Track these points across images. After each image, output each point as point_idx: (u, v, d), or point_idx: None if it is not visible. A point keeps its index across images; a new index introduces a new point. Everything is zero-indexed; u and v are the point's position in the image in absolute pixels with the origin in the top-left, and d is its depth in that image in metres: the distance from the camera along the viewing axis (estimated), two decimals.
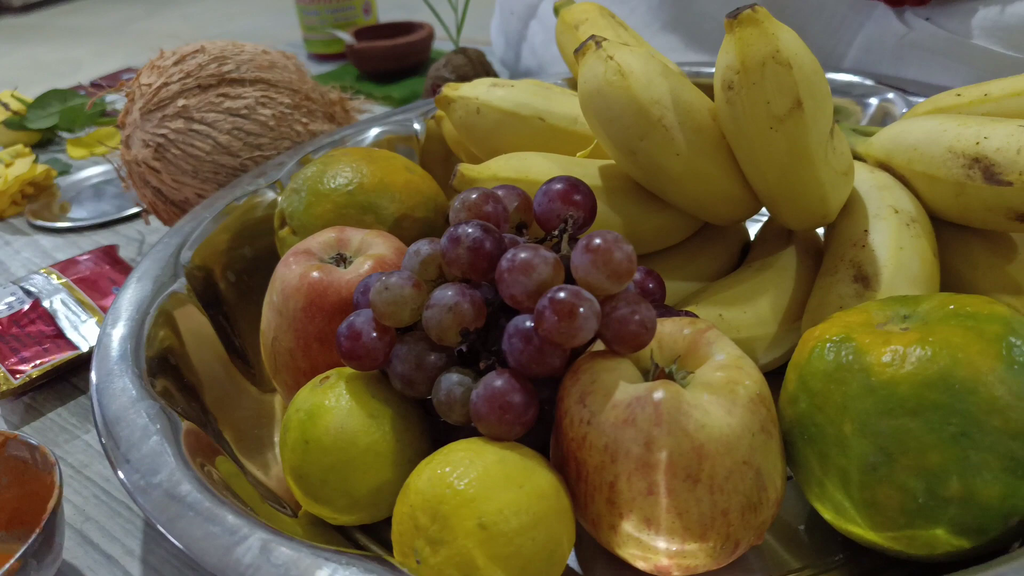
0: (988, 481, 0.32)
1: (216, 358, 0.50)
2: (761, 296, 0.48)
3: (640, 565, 0.36)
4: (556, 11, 0.69)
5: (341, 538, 0.42)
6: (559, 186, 0.42)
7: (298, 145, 0.67)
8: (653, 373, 0.36)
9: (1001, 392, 0.32)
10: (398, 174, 0.56)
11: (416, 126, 0.71)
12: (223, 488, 0.36)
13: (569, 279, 0.38)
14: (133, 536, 0.44)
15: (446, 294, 0.38)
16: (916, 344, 0.34)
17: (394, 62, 1.09)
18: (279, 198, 0.57)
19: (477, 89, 0.55)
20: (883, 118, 0.63)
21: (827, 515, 0.37)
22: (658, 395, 0.34)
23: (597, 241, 0.36)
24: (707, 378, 0.35)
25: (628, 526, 0.34)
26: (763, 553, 0.41)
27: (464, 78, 0.86)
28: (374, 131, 0.68)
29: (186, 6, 1.89)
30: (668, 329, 0.38)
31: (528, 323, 0.36)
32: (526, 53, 0.92)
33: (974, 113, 0.50)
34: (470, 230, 0.39)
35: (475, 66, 0.87)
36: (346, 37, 1.09)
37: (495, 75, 0.89)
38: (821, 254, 0.51)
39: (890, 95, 0.62)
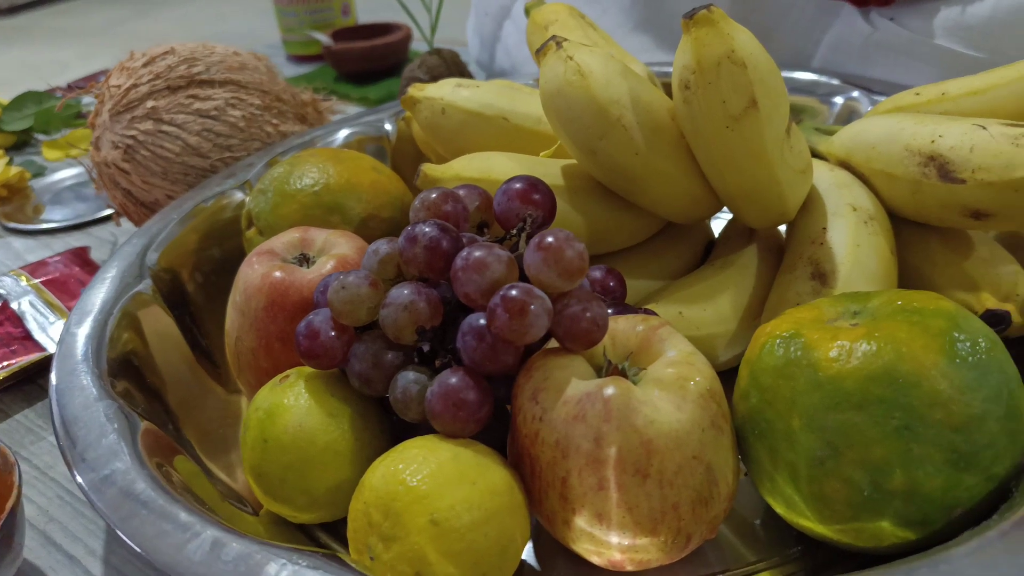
0: (930, 473, 0.32)
1: (181, 358, 0.50)
2: (722, 294, 0.48)
3: (594, 560, 0.37)
4: (527, 12, 0.70)
5: (303, 536, 0.42)
6: (518, 185, 0.43)
7: (268, 146, 0.67)
8: (606, 370, 0.37)
9: (943, 386, 0.33)
10: (365, 174, 0.56)
11: (388, 127, 0.71)
12: (180, 487, 0.36)
13: (524, 278, 0.38)
14: (95, 536, 0.44)
15: (402, 293, 0.38)
16: (862, 339, 0.34)
17: (371, 63, 1.09)
18: (247, 199, 0.57)
19: (442, 90, 0.56)
20: (848, 117, 0.63)
21: (779, 509, 0.37)
22: (608, 391, 0.34)
23: (549, 239, 0.36)
24: (658, 374, 0.35)
25: (581, 521, 0.35)
26: (720, 547, 0.41)
27: (438, 79, 0.86)
28: (344, 132, 0.68)
29: (174, 8, 1.89)
30: (622, 326, 0.38)
31: (481, 321, 0.36)
32: (500, 54, 0.92)
33: (932, 112, 0.51)
34: (427, 229, 0.39)
35: (449, 67, 0.87)
36: (323, 38, 1.09)
37: (470, 76, 0.89)
38: (783, 252, 0.51)
39: (855, 94, 0.63)
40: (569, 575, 0.40)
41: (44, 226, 0.80)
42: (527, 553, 0.41)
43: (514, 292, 0.35)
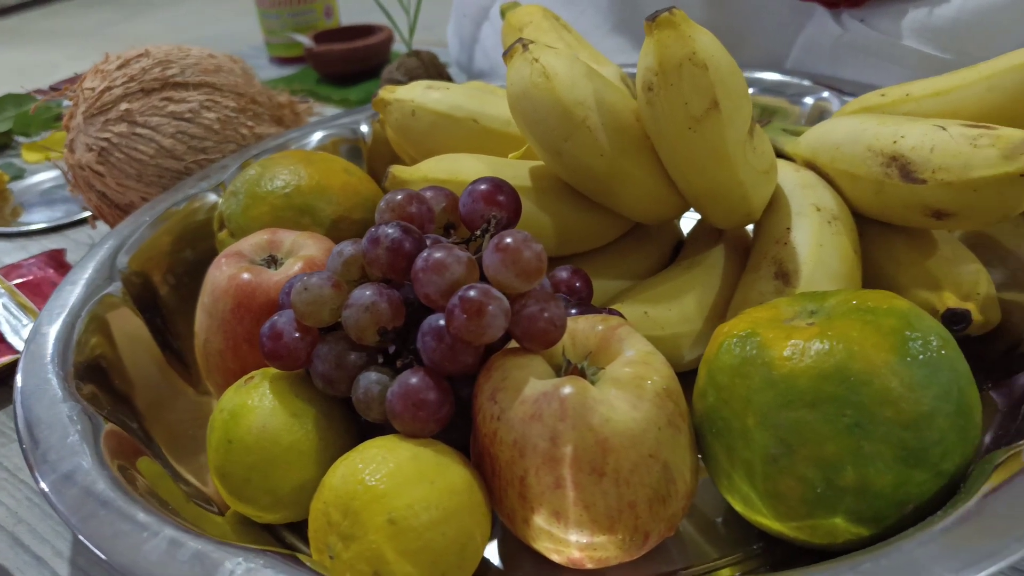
0: (881, 470, 0.33)
1: (151, 360, 0.50)
2: (687, 294, 0.48)
3: (554, 558, 0.37)
4: (502, 14, 0.70)
5: (269, 536, 0.42)
6: (483, 187, 0.43)
7: (243, 148, 0.67)
8: (565, 369, 0.37)
9: (894, 384, 0.33)
10: (336, 176, 0.56)
11: (364, 128, 0.71)
12: (143, 489, 0.37)
13: (486, 279, 0.39)
14: (63, 538, 0.44)
15: (364, 294, 0.39)
16: (816, 338, 0.35)
17: (353, 65, 1.09)
18: (220, 201, 0.57)
19: (412, 91, 0.56)
20: (819, 117, 0.64)
21: (738, 507, 0.38)
22: (564, 391, 0.34)
23: (507, 240, 0.36)
24: (616, 374, 0.36)
25: (539, 520, 0.35)
26: (683, 544, 0.42)
27: (416, 80, 0.86)
28: (319, 134, 0.68)
29: (163, 10, 1.89)
30: (581, 326, 0.38)
31: (440, 322, 0.37)
32: (479, 55, 0.93)
33: (897, 112, 0.51)
34: (389, 231, 0.40)
35: (428, 68, 0.87)
36: (304, 40, 1.10)
37: (448, 77, 0.89)
38: (750, 251, 0.52)
39: (825, 94, 0.63)
40: (533, 574, 0.40)
41: (22, 228, 0.80)
42: (492, 552, 0.41)
43: (472, 293, 0.35)
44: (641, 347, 0.37)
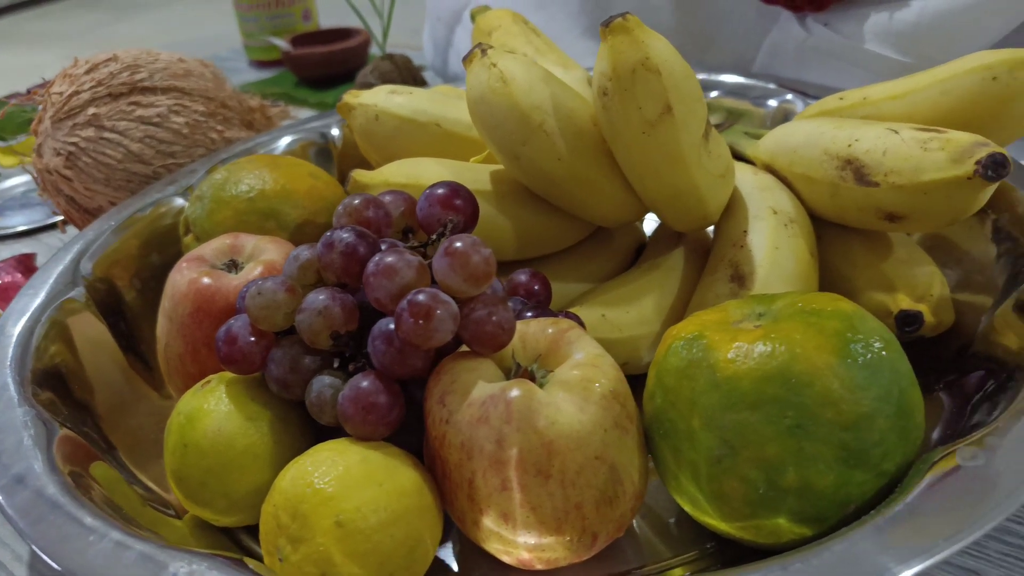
0: (822, 471, 0.33)
1: (114, 365, 0.50)
2: (645, 296, 0.49)
3: (505, 559, 0.37)
4: (472, 18, 0.70)
5: (227, 540, 0.42)
6: (440, 191, 0.43)
7: (212, 153, 0.67)
8: (514, 372, 0.37)
9: (835, 385, 0.33)
10: (301, 181, 0.56)
11: (335, 132, 0.71)
12: (95, 493, 0.37)
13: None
14: (22, 542, 0.45)
15: (318, 298, 0.39)
16: (759, 340, 0.35)
17: (331, 68, 1.10)
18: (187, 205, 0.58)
19: (376, 96, 0.56)
20: (783, 120, 0.64)
21: (686, 507, 0.38)
22: (511, 394, 0.35)
23: (457, 245, 0.37)
24: (563, 376, 0.36)
25: (488, 521, 0.35)
26: (638, 544, 0.42)
27: (390, 84, 0.86)
28: (289, 138, 0.68)
29: (153, 11, 1.88)
30: (532, 329, 0.39)
31: (390, 326, 0.37)
32: (453, 59, 0.93)
33: (855, 116, 0.52)
34: (344, 235, 0.40)
35: (402, 72, 0.88)
36: (281, 44, 1.10)
37: (422, 81, 0.90)
38: (709, 254, 0.52)
39: (789, 97, 0.64)
40: (489, 575, 0.40)
41: None
42: (447, 554, 0.42)
43: (420, 297, 0.36)
44: (590, 350, 0.37)
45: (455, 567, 0.41)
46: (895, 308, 0.46)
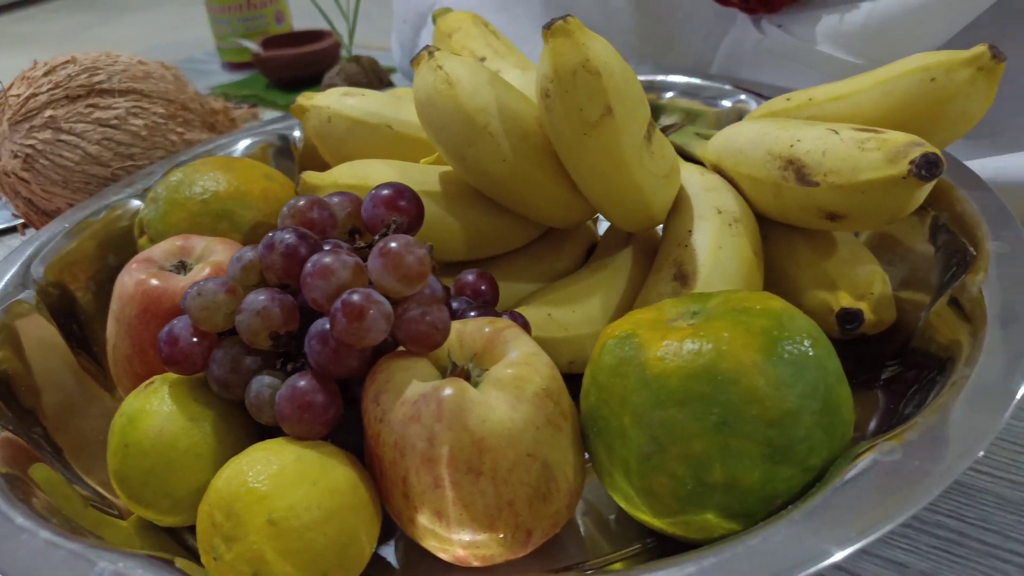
0: (748, 467, 0.34)
1: (65, 367, 0.50)
2: (592, 296, 0.49)
3: (442, 556, 0.38)
4: (434, 20, 0.71)
5: (171, 540, 0.42)
6: (385, 192, 0.44)
7: (172, 155, 0.67)
8: (450, 371, 0.38)
9: (760, 383, 0.34)
10: (256, 182, 0.57)
11: (296, 133, 0.72)
12: (33, 495, 0.37)
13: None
14: None
15: (257, 299, 0.39)
16: (688, 338, 0.35)
17: (301, 70, 1.10)
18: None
19: (329, 98, 0.56)
20: (737, 120, 0.65)
21: (621, 503, 0.38)
22: (443, 393, 0.35)
23: (391, 245, 0.37)
24: (497, 375, 0.37)
25: (423, 519, 0.36)
26: (580, 539, 0.42)
27: (356, 86, 0.87)
28: (249, 140, 0.69)
29: (138, 13, 1.88)
30: (470, 328, 0.39)
31: (326, 326, 0.37)
32: None
33: (800, 116, 0.52)
34: (285, 236, 0.40)
35: (368, 74, 0.88)
36: (251, 46, 1.10)
37: (389, 83, 0.90)
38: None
39: (743, 97, 0.64)
40: (429, 574, 0.41)
41: None
42: (388, 552, 0.42)
43: (354, 297, 0.36)
44: (525, 349, 0.38)
45: (396, 564, 0.41)
46: (836, 306, 0.46)
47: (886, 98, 0.48)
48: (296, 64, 1.09)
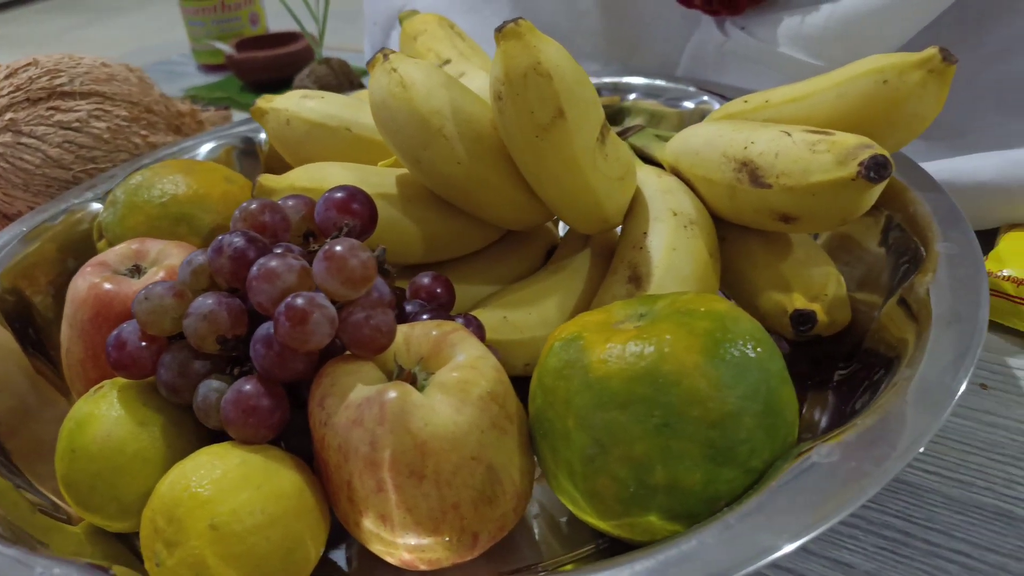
0: (689, 468, 0.34)
1: (19, 371, 0.50)
2: (549, 298, 0.49)
3: (390, 560, 0.38)
4: (400, 22, 0.71)
5: (122, 546, 0.42)
6: (338, 195, 0.43)
7: (135, 158, 0.67)
8: (396, 375, 0.38)
9: (702, 384, 0.34)
10: (216, 185, 0.56)
11: (263, 136, 0.71)
12: None
13: None
14: None
15: (205, 303, 0.39)
16: (632, 341, 0.35)
17: (275, 72, 1.10)
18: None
19: (288, 101, 0.56)
20: (700, 121, 0.65)
21: (569, 506, 0.38)
22: (386, 396, 0.35)
23: (336, 249, 0.37)
24: (443, 378, 0.37)
25: (368, 523, 0.36)
26: (534, 541, 0.42)
27: (327, 89, 0.87)
28: (214, 142, 0.68)
29: (126, 15, 1.87)
30: (417, 332, 0.39)
31: (271, 329, 0.37)
32: None
33: (757, 118, 0.52)
34: (234, 240, 0.40)
35: (338, 76, 0.88)
36: (225, 48, 1.10)
37: (360, 85, 0.90)
38: None
39: (705, 98, 0.65)
40: None
41: None
42: (339, 556, 0.42)
43: (298, 301, 0.36)
44: (472, 352, 0.38)
45: (347, 568, 0.41)
46: (790, 308, 0.46)
47: (841, 100, 0.48)
48: (269, 66, 1.09)
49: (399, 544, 0.36)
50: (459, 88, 0.48)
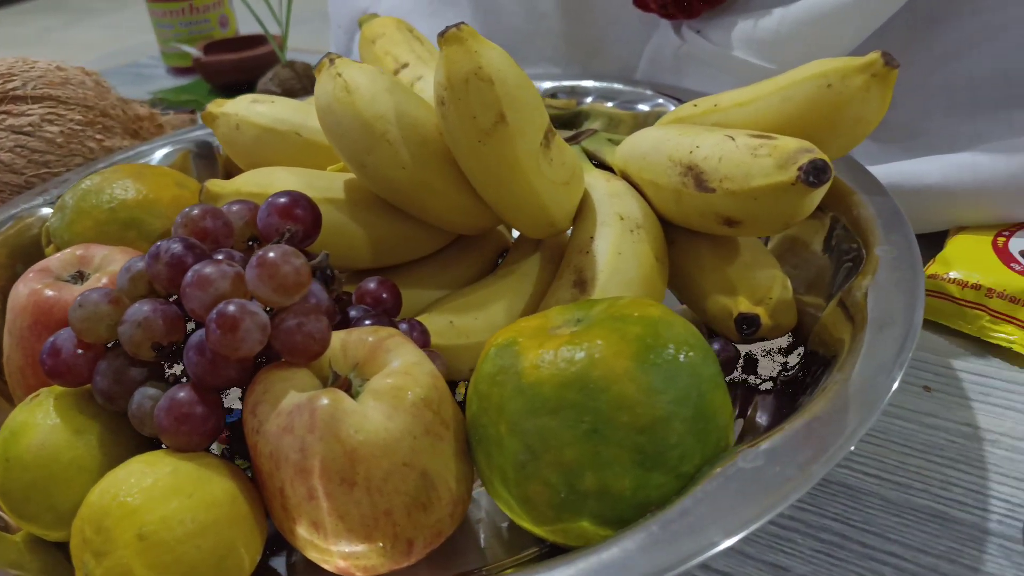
0: (619, 473, 0.34)
1: None
2: (496, 302, 0.49)
3: (326, 567, 0.37)
4: (360, 25, 0.71)
5: (60, 555, 0.42)
6: (281, 200, 0.43)
7: (90, 162, 0.66)
8: (331, 381, 0.38)
9: (631, 390, 0.34)
10: (166, 190, 0.56)
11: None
12: None
13: None
14: None
15: (141, 309, 0.39)
16: (564, 346, 0.35)
17: (243, 75, 1.09)
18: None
19: (238, 105, 0.56)
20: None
21: (505, 511, 0.38)
22: (317, 403, 0.35)
23: (270, 255, 0.37)
24: (376, 385, 0.36)
25: (302, 530, 0.36)
26: (479, 547, 0.42)
27: (290, 92, 0.87)
28: (169, 147, 0.68)
29: (105, 16, 1.86)
30: (354, 338, 0.39)
31: (204, 336, 0.37)
32: None
33: (706, 122, 0.52)
34: (172, 246, 0.40)
35: (302, 79, 0.87)
36: (192, 51, 1.09)
37: None
38: None
39: (660, 101, 0.65)
40: None
41: None
42: (279, 563, 0.42)
43: (229, 308, 0.36)
44: (407, 358, 0.38)
45: (286, 575, 0.41)
46: (735, 311, 0.47)
47: (786, 104, 0.49)
48: (237, 69, 1.08)
49: (333, 551, 0.36)
50: (404, 93, 0.48)
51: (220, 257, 0.41)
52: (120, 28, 1.74)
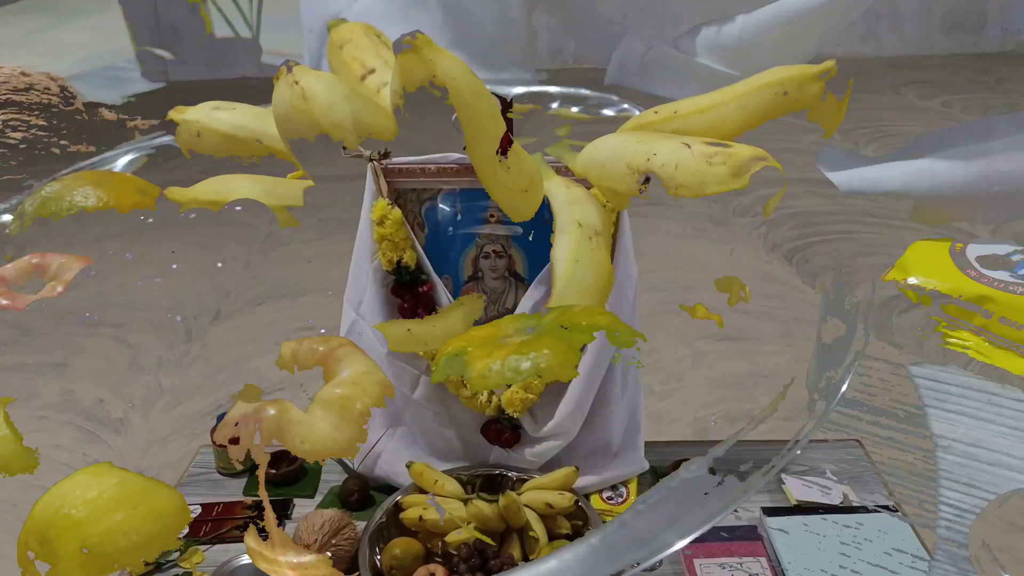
0: None
1: None
2: (455, 310, 0.49)
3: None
4: (329, 30, 0.70)
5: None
6: None
7: (54, 168, 0.66)
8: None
9: None
10: (127, 196, 0.56)
11: None
12: None
13: None
14: None
15: None
16: (512, 355, 0.36)
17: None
18: None
19: (199, 112, 0.56)
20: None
21: None
22: (264, 413, 0.35)
23: None
24: (325, 394, 0.36)
25: (250, 540, 0.35)
26: None
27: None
28: (134, 153, 0.68)
29: (92, 16, 1.86)
30: (304, 347, 0.39)
31: None
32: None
33: (666, 129, 0.53)
34: None
35: None
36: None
37: None
38: None
39: (625, 106, 0.65)
40: None
41: None
42: None
43: None
44: (357, 368, 0.38)
45: None
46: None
47: (743, 111, 0.49)
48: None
49: (282, 562, 0.36)
50: (362, 101, 0.48)
51: None
52: (106, 28, 1.74)
